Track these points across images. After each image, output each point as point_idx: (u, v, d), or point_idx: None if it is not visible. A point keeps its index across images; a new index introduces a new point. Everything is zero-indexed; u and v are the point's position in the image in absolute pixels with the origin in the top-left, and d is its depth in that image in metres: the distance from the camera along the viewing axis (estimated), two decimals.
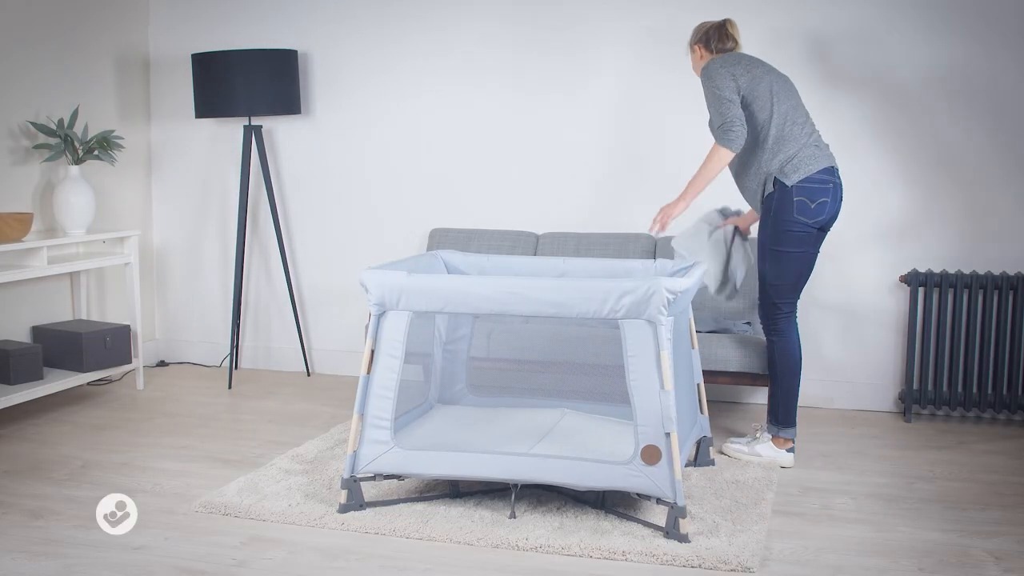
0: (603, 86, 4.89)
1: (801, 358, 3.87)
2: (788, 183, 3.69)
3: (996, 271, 4.51)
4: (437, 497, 3.42)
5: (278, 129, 5.42)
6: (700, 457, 3.78)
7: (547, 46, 4.95)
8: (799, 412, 4.65)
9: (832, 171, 3.75)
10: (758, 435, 3.91)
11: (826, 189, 3.72)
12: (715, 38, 3.90)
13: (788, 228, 3.72)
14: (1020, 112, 4.42)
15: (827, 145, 3.82)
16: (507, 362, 4.30)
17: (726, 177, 4.31)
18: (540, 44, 4.96)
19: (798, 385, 3.86)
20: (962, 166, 4.51)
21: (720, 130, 3.72)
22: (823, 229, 3.78)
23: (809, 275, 3.85)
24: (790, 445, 3.86)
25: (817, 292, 4.70)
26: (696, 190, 3.79)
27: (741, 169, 3.86)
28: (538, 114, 5.00)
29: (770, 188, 3.74)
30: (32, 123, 4.67)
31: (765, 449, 3.86)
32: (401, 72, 5.18)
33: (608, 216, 4.94)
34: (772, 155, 3.73)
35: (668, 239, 4.69)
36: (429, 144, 5.18)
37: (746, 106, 3.74)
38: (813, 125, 3.80)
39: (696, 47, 3.94)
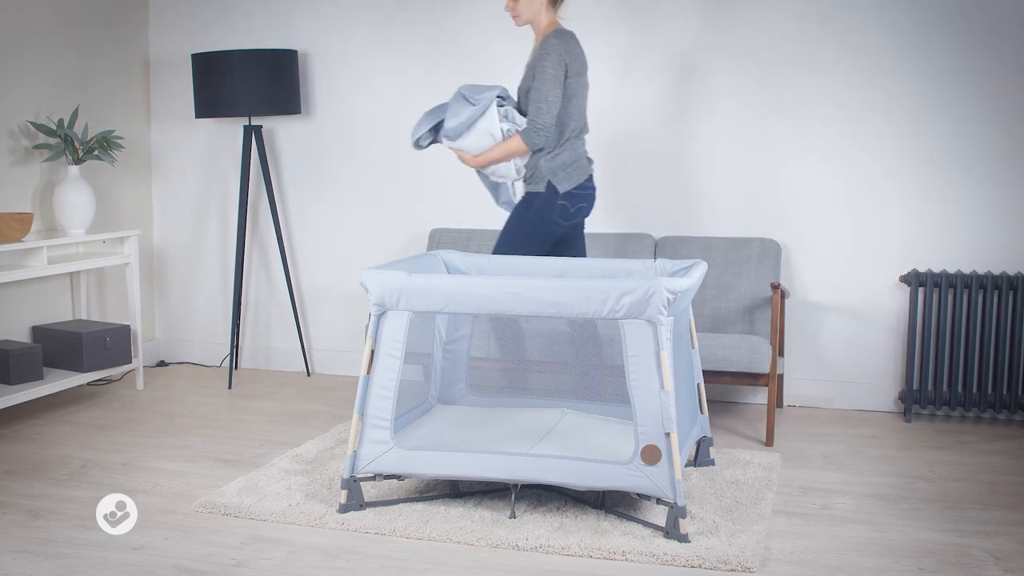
0: (603, 86, 4.89)
1: None
2: (560, 189, 3.87)
3: (996, 271, 4.51)
4: (437, 497, 3.42)
5: (278, 129, 5.42)
6: (700, 457, 3.78)
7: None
8: (799, 412, 4.65)
9: (592, 178, 3.98)
10: None
11: (586, 196, 3.95)
12: None
13: (546, 228, 3.91)
14: (1020, 112, 4.43)
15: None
16: (507, 362, 4.30)
17: (725, 177, 4.30)
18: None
19: None
20: (962, 166, 4.51)
21: (533, 127, 3.82)
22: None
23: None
24: None
25: (817, 292, 4.71)
26: (484, 162, 3.92)
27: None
28: None
29: (539, 187, 3.89)
30: (32, 123, 4.67)
31: None
32: (401, 72, 5.18)
33: (608, 216, 4.94)
34: (555, 154, 3.89)
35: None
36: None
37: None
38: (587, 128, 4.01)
39: None
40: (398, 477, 3.29)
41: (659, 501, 3.09)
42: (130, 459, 3.93)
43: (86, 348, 4.61)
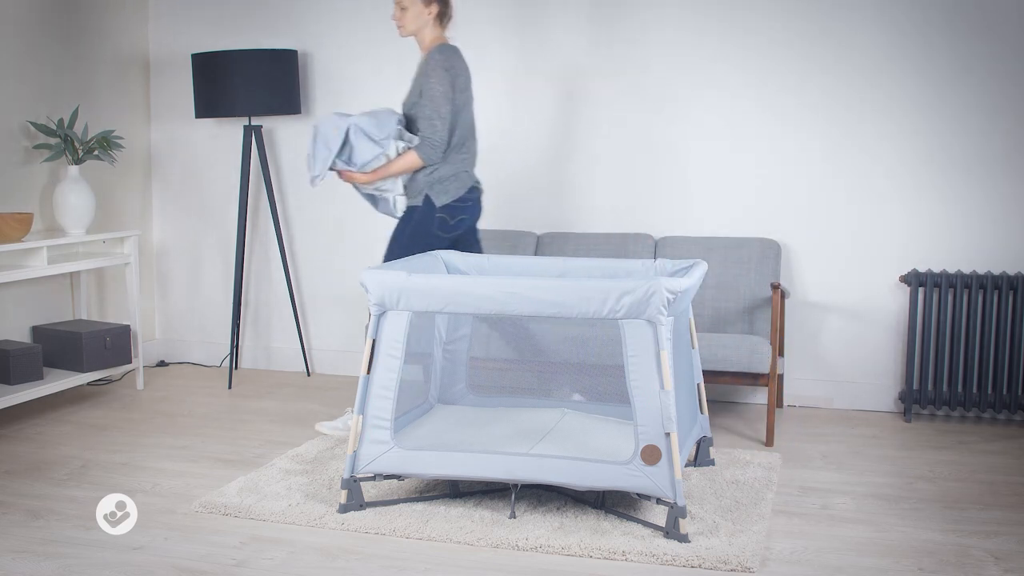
0: (603, 85, 4.89)
1: None
2: (436, 203, 3.94)
3: (996, 271, 4.51)
4: (437, 497, 3.42)
5: (278, 129, 5.42)
6: (700, 457, 3.78)
7: (547, 46, 4.95)
8: (799, 412, 4.65)
9: (474, 189, 4.05)
10: (349, 411, 4.09)
11: (466, 207, 4.02)
12: (449, 5, 4.03)
13: (426, 241, 3.97)
14: (1020, 112, 4.42)
15: (475, 156, 4.05)
16: (507, 362, 4.30)
17: (724, 180, 4.30)
18: (540, 44, 4.96)
19: None
20: (962, 166, 4.51)
21: (427, 143, 3.90)
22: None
23: None
24: None
25: (817, 292, 4.71)
26: (376, 179, 3.95)
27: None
28: (538, 114, 5.00)
29: (417, 201, 3.97)
30: (32, 123, 4.67)
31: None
32: (401, 72, 5.18)
33: (608, 216, 4.94)
34: (433, 168, 3.96)
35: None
36: None
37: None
38: (476, 140, 4.06)
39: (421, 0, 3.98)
40: (398, 477, 3.29)
41: (659, 501, 3.09)
42: (130, 459, 3.93)
43: (86, 348, 4.61)
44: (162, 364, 5.65)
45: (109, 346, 4.72)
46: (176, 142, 5.58)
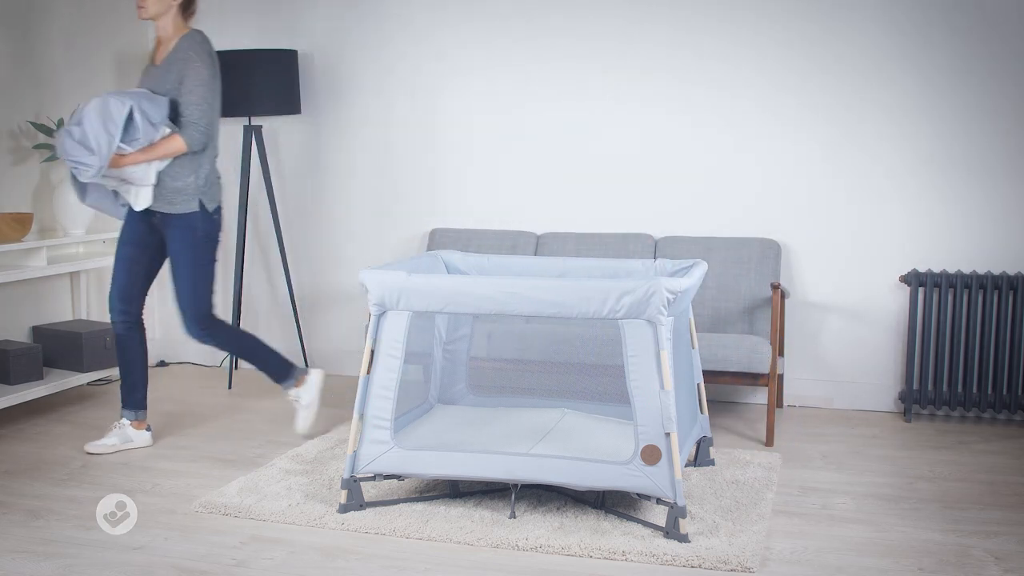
0: (603, 86, 4.89)
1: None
2: (209, 208, 3.86)
3: (996, 271, 4.51)
4: (437, 497, 3.42)
5: (278, 129, 5.42)
6: (700, 457, 3.78)
7: (547, 47, 4.95)
8: (799, 412, 4.65)
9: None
10: (116, 426, 4.04)
11: (220, 209, 3.95)
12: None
13: (214, 246, 3.91)
14: (1021, 112, 4.42)
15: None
16: (507, 362, 4.30)
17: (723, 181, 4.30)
18: (540, 45, 4.96)
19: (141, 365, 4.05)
20: (962, 166, 4.51)
21: (194, 127, 3.74)
22: None
23: None
24: (146, 425, 4.10)
25: (817, 292, 4.71)
26: (136, 162, 3.69)
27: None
28: (539, 114, 5.00)
29: (192, 207, 3.81)
30: (32, 123, 4.67)
31: (130, 434, 4.04)
32: (401, 72, 5.18)
33: (608, 216, 4.94)
34: (199, 165, 3.84)
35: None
36: (429, 144, 5.18)
37: None
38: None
39: None
40: (398, 477, 3.29)
41: (659, 501, 3.09)
42: (130, 459, 3.93)
43: (86, 348, 4.61)
44: (162, 364, 5.65)
45: (109, 346, 4.72)
46: None
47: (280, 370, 4.12)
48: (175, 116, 3.78)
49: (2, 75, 4.62)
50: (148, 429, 4.10)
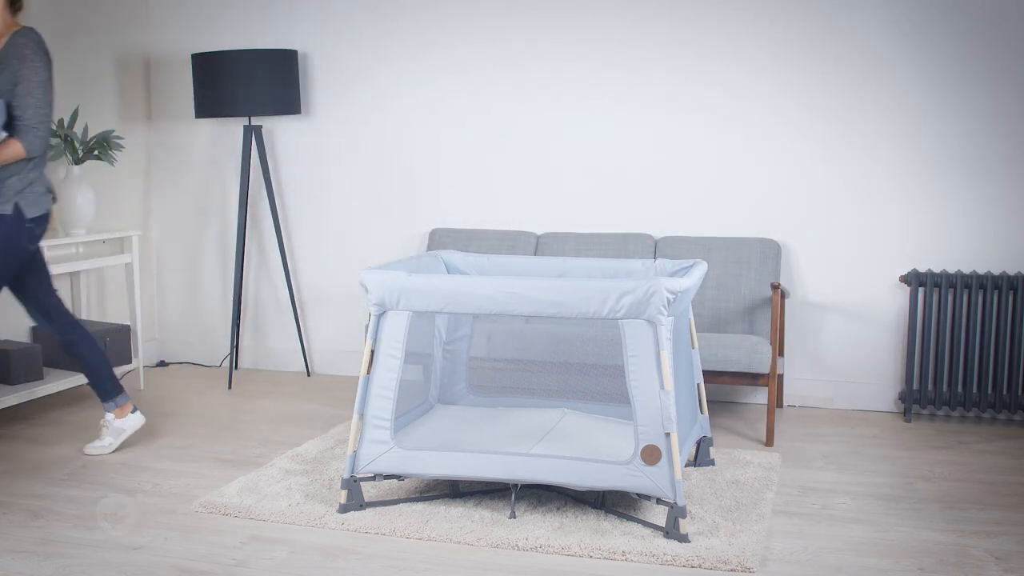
0: (603, 86, 4.89)
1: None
2: (26, 214, 3.58)
3: (996, 271, 4.51)
4: (437, 497, 3.42)
5: (278, 129, 5.42)
6: (700, 457, 3.78)
7: (547, 46, 4.95)
8: (799, 412, 4.65)
9: (52, 198, 3.71)
10: (104, 422, 4.01)
11: (45, 217, 3.67)
12: None
13: (16, 255, 3.60)
14: (1021, 112, 4.42)
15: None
16: (507, 362, 4.30)
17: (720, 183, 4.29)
18: (541, 45, 4.96)
19: (102, 355, 3.97)
20: (962, 166, 4.51)
21: (33, 132, 3.51)
22: None
23: None
24: (131, 407, 4.04)
25: (817, 292, 4.71)
26: None
27: None
28: (538, 114, 5.00)
29: (6, 209, 3.54)
30: None
31: (121, 424, 4.01)
32: (401, 72, 5.18)
33: (608, 216, 4.94)
34: (23, 168, 3.56)
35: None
36: (429, 144, 5.18)
37: None
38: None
39: None
40: (398, 477, 3.29)
41: (659, 501, 3.09)
42: (130, 459, 3.93)
43: None
44: (162, 364, 5.65)
45: (109, 346, 4.72)
46: (176, 142, 5.58)
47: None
48: (9, 119, 3.53)
49: None
50: (134, 410, 4.05)
